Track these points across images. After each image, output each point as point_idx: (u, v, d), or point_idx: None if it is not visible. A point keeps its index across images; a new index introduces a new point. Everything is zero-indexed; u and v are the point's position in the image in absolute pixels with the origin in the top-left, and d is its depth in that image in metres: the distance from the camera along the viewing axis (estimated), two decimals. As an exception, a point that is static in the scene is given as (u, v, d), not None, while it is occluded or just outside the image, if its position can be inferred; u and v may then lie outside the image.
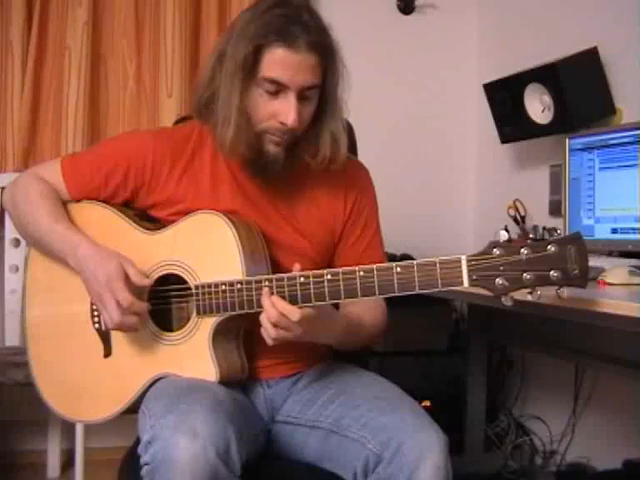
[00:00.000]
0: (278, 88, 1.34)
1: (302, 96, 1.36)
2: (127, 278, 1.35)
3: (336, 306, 1.40)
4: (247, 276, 1.34)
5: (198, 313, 1.37)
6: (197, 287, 1.37)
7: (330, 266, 1.44)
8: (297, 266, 1.30)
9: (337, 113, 1.44)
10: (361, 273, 1.26)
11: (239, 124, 1.36)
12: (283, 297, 1.29)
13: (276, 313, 1.26)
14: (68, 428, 2.69)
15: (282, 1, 1.36)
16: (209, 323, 1.36)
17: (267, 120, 1.37)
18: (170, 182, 1.46)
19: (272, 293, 1.29)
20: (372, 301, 1.48)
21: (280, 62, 1.32)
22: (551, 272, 1.17)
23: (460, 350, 2.69)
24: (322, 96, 1.41)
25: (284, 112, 1.35)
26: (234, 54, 1.35)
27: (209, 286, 1.35)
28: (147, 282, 1.37)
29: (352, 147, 1.67)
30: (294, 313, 1.25)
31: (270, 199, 1.48)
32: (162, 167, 1.45)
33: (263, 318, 1.28)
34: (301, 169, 1.47)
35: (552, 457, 2.66)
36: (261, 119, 1.37)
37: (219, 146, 1.41)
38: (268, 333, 1.28)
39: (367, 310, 1.47)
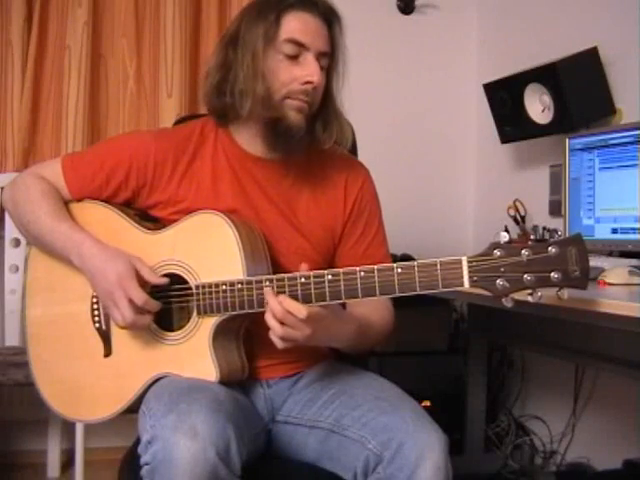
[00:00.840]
0: (298, 51, 1.38)
1: (317, 61, 1.39)
2: (137, 276, 1.35)
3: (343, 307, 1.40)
4: (247, 276, 1.34)
5: (198, 313, 1.37)
6: (197, 287, 1.37)
7: (331, 266, 1.43)
8: (304, 266, 1.29)
9: (340, 88, 1.47)
10: (362, 273, 1.26)
11: (263, 90, 1.38)
12: (284, 297, 1.30)
13: (281, 309, 1.25)
14: (68, 428, 2.69)
15: None
16: (209, 323, 1.36)
17: (289, 84, 1.38)
18: (172, 182, 1.46)
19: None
20: (379, 302, 1.48)
21: (299, 23, 1.38)
22: (552, 273, 1.17)
23: (460, 350, 2.69)
24: (328, 72, 1.44)
25: (308, 72, 1.38)
26: (251, 29, 1.39)
27: (209, 286, 1.35)
28: (163, 280, 1.37)
29: (352, 147, 1.67)
30: (301, 310, 1.24)
31: (271, 199, 1.48)
32: (164, 167, 1.46)
33: (268, 317, 1.27)
34: (302, 169, 1.47)
35: (552, 457, 2.66)
36: (282, 84, 1.39)
37: (250, 118, 1.42)
38: (276, 332, 1.27)
39: (374, 311, 1.47)
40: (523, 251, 1.18)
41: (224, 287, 1.34)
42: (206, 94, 1.47)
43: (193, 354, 1.37)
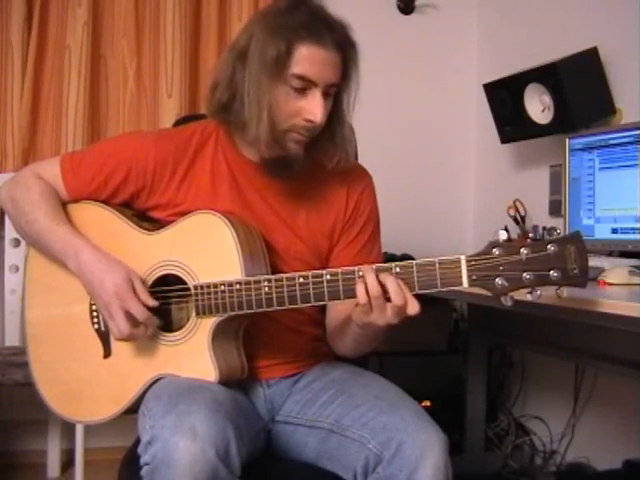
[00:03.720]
0: (305, 85, 1.34)
1: (324, 93, 1.37)
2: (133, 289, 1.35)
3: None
4: (246, 276, 1.34)
5: (197, 313, 1.36)
6: (196, 287, 1.36)
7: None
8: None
9: (348, 114, 1.45)
10: (360, 273, 1.26)
11: (271, 121, 1.36)
12: (282, 297, 1.29)
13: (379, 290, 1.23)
14: (68, 428, 2.69)
15: (301, 1, 1.38)
16: (208, 323, 1.36)
17: (293, 118, 1.37)
18: (171, 185, 1.46)
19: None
20: None
21: (309, 58, 1.33)
22: (551, 272, 1.17)
23: (460, 350, 2.69)
24: (338, 95, 1.42)
25: (311, 110, 1.35)
26: (261, 52, 1.34)
27: (208, 286, 1.35)
28: (153, 303, 1.37)
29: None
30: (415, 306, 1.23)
31: (269, 203, 1.48)
32: (163, 170, 1.45)
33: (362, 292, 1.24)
34: (302, 174, 1.46)
35: (552, 457, 2.66)
36: (286, 117, 1.37)
37: (254, 145, 1.41)
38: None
39: None
40: (522, 249, 1.18)
41: (222, 287, 1.34)
42: (212, 108, 1.44)
43: (192, 354, 1.36)
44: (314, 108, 1.35)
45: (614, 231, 2.12)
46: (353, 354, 1.50)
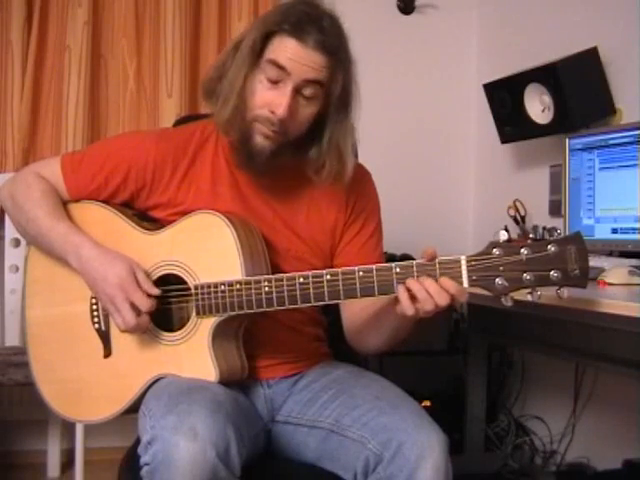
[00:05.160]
0: (279, 76, 1.34)
1: (300, 92, 1.35)
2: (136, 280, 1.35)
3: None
4: (246, 276, 1.34)
5: (198, 313, 1.36)
6: (196, 287, 1.36)
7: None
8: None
9: (345, 127, 1.42)
10: (360, 273, 1.26)
11: (237, 105, 1.36)
12: (282, 297, 1.29)
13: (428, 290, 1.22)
14: (68, 428, 2.69)
15: (311, 2, 1.37)
16: (209, 323, 1.36)
17: (260, 108, 1.36)
18: (171, 185, 1.46)
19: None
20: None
21: (286, 49, 1.33)
22: (551, 272, 1.17)
23: (460, 350, 2.69)
24: (326, 103, 1.40)
25: (276, 102, 1.34)
26: (246, 40, 1.37)
27: (208, 286, 1.35)
28: (156, 291, 1.37)
29: (352, 147, 1.67)
30: (463, 293, 1.22)
31: (269, 203, 1.48)
32: (164, 170, 1.45)
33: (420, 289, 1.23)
34: (302, 173, 1.46)
35: (552, 457, 2.66)
36: (255, 105, 1.37)
37: (216, 122, 1.42)
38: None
39: None
40: (522, 250, 1.18)
41: (223, 287, 1.34)
42: (203, 88, 1.46)
43: (192, 354, 1.36)
44: (280, 100, 1.34)
45: (614, 231, 2.12)
46: (388, 346, 1.48)
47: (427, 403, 2.52)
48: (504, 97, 2.59)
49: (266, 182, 1.47)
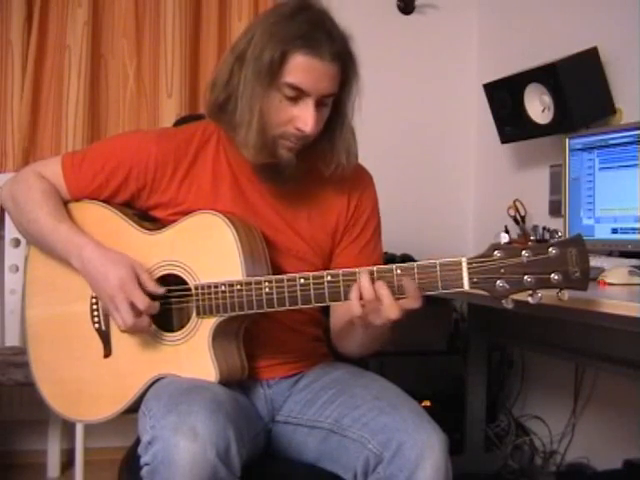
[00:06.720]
0: (298, 94, 1.34)
1: (319, 102, 1.36)
2: (139, 281, 1.35)
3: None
4: (246, 277, 1.34)
5: (198, 314, 1.36)
6: (197, 287, 1.36)
7: (329, 269, 1.43)
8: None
9: (349, 122, 1.45)
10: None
11: (260, 129, 1.36)
12: (283, 298, 1.30)
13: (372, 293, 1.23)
14: (68, 428, 2.69)
15: (305, 5, 1.37)
16: (209, 324, 1.36)
17: (284, 125, 1.36)
18: (172, 184, 1.46)
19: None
20: None
21: (303, 68, 1.32)
22: (552, 275, 1.17)
23: (460, 350, 2.69)
24: (336, 104, 1.41)
25: (302, 119, 1.35)
26: (257, 57, 1.34)
27: (209, 287, 1.35)
28: (161, 290, 1.37)
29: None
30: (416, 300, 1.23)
31: (271, 203, 1.48)
32: (165, 170, 1.45)
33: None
34: (304, 174, 1.46)
35: (552, 457, 2.66)
36: (278, 124, 1.36)
37: (242, 149, 1.40)
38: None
39: None
40: (523, 252, 1.18)
41: (223, 288, 1.34)
42: (209, 108, 1.44)
43: (193, 354, 1.37)
44: (306, 117, 1.34)
45: (614, 231, 2.12)
46: (360, 354, 1.50)
47: (427, 403, 2.53)
48: (504, 97, 2.59)
49: (267, 183, 1.47)
